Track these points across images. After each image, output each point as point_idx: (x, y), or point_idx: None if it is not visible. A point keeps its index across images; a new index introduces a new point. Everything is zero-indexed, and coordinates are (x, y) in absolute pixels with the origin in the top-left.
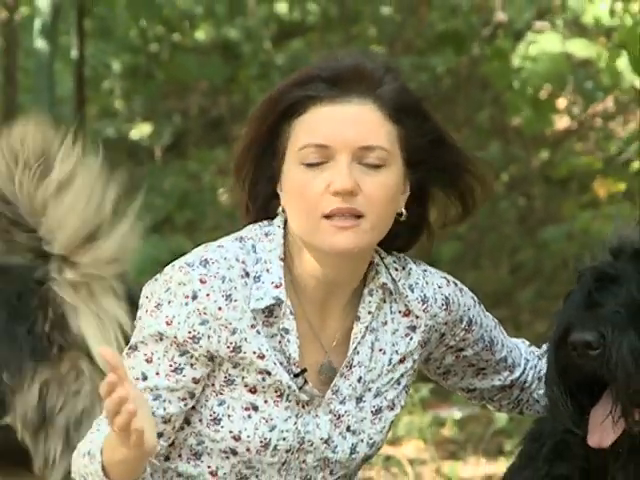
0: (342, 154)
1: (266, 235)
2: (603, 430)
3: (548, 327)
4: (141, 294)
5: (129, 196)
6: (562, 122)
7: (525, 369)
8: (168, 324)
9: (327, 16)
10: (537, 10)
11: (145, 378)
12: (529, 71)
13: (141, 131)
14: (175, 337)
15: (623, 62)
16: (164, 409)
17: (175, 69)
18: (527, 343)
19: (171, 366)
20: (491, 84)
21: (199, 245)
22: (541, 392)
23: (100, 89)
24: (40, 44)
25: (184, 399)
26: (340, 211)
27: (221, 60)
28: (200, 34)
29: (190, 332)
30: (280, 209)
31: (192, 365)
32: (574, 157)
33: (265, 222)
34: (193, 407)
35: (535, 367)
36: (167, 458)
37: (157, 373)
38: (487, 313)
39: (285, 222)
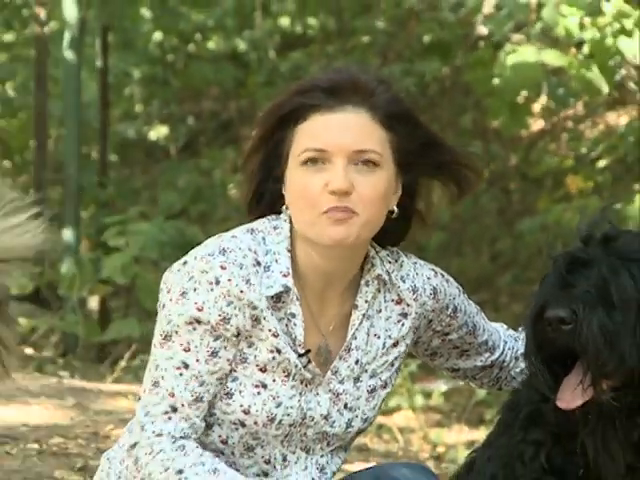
0: (338, 157)
1: (274, 229)
2: (573, 395)
3: (525, 306)
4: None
5: (148, 190)
6: (537, 124)
7: (504, 350)
8: (199, 310)
9: (325, 29)
10: (515, 24)
11: (187, 366)
12: (507, 78)
13: (158, 132)
14: (209, 321)
15: (592, 70)
16: (208, 392)
17: (189, 76)
18: (505, 327)
19: (208, 351)
20: (473, 90)
21: (210, 236)
22: (518, 370)
23: (122, 95)
24: (68, 55)
25: (221, 379)
26: (337, 209)
27: (231, 68)
28: (212, 45)
29: (220, 315)
30: (284, 207)
31: (225, 348)
32: (548, 156)
33: (273, 216)
34: None
35: (512, 348)
36: None
37: (197, 360)
38: (470, 301)
39: (290, 218)
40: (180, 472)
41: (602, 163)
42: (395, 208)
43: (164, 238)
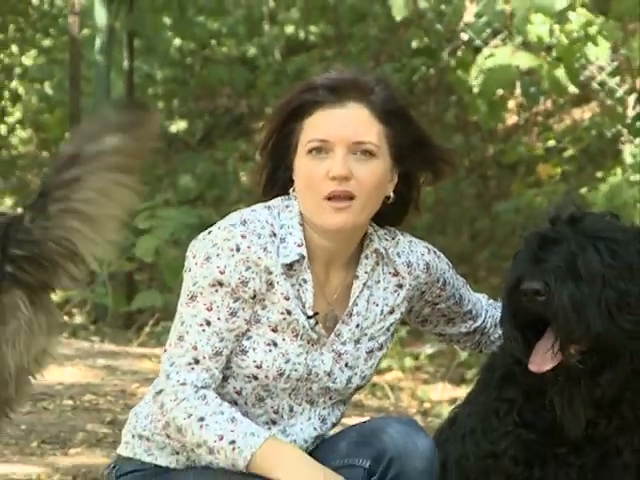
0: (339, 147)
1: (287, 207)
2: (543, 358)
3: (502, 279)
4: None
5: (169, 177)
6: (511, 119)
7: (485, 318)
8: (221, 273)
9: (325, 36)
10: (492, 31)
11: (209, 324)
12: (485, 78)
13: (178, 126)
14: (229, 284)
15: (560, 72)
16: (227, 347)
17: (205, 77)
18: (486, 297)
19: (228, 311)
20: (455, 89)
21: (225, 216)
22: (497, 335)
23: (146, 93)
24: (99, 58)
25: (238, 337)
26: (336, 193)
27: (242, 70)
28: (225, 49)
29: (239, 278)
30: (291, 190)
31: (243, 309)
32: (521, 147)
33: (286, 196)
34: None
35: (493, 316)
36: None
37: (218, 318)
38: (457, 275)
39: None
40: (201, 419)
41: (568, 153)
42: (392, 194)
43: (192, 222)
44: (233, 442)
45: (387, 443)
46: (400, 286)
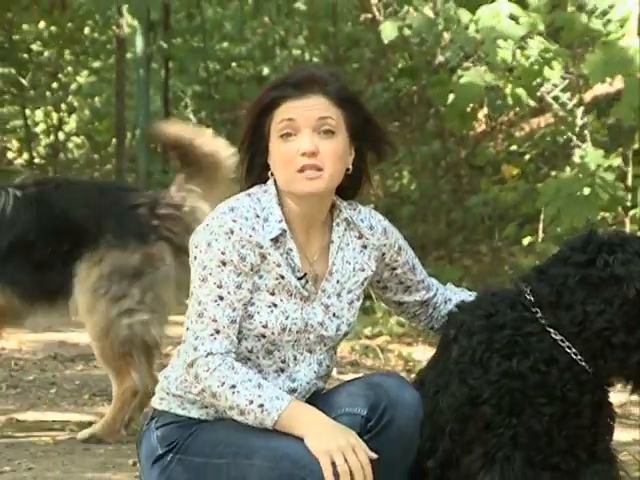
0: (305, 127)
1: (265, 192)
2: None
3: (473, 260)
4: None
5: None
6: (480, 127)
7: (436, 293)
8: (223, 254)
9: (326, 58)
10: (464, 54)
11: (222, 298)
12: (458, 94)
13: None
14: (231, 261)
15: (520, 88)
16: (238, 315)
17: (227, 93)
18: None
19: (234, 284)
20: (434, 103)
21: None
22: (446, 312)
23: (178, 106)
24: (140, 77)
25: (245, 305)
26: (307, 166)
27: (257, 87)
28: (243, 70)
29: (238, 255)
30: (270, 174)
31: (246, 281)
32: (488, 150)
33: (262, 184)
34: None
35: (443, 293)
36: None
37: (228, 292)
38: (409, 246)
39: (275, 182)
40: (233, 387)
41: (527, 156)
42: (350, 166)
43: None
44: (261, 405)
45: (381, 394)
46: (365, 247)
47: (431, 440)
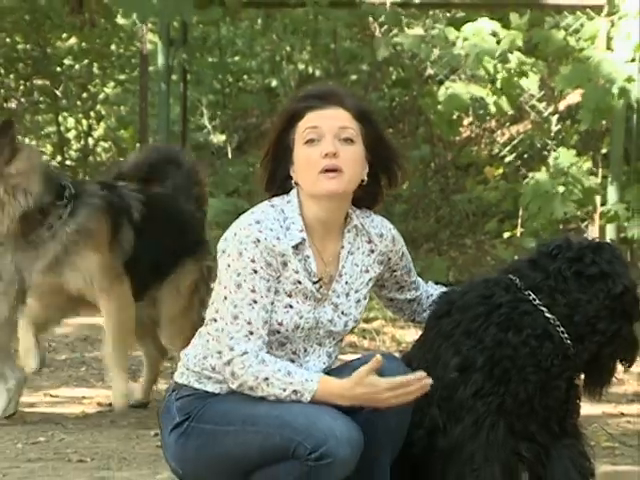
0: (328, 134)
1: (288, 202)
2: None
3: (459, 252)
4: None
5: (212, 177)
6: (465, 133)
7: (422, 291)
8: (253, 262)
9: (328, 71)
10: (451, 68)
11: (255, 302)
12: (446, 103)
13: (219, 139)
14: (261, 268)
15: (502, 98)
16: (269, 316)
17: (240, 102)
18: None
19: (265, 289)
20: (424, 111)
21: (253, 204)
22: (427, 306)
23: (195, 114)
24: (161, 88)
25: (272, 304)
26: (328, 167)
27: (266, 97)
28: (253, 82)
29: (265, 261)
30: (293, 183)
31: (272, 285)
32: (473, 153)
33: (284, 195)
34: None
35: (426, 290)
36: None
37: (261, 296)
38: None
39: (298, 193)
40: (266, 379)
41: (508, 159)
42: (365, 178)
43: (229, 208)
44: (295, 391)
45: (377, 371)
46: (372, 251)
47: (419, 412)
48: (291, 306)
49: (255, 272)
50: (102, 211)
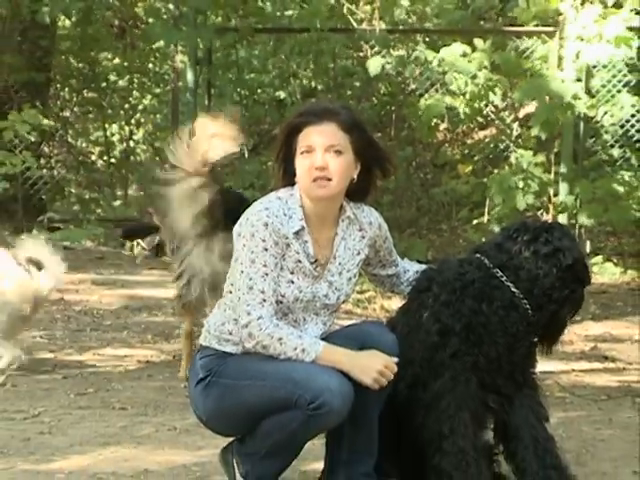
0: (319, 149)
1: (291, 195)
2: None
3: (436, 236)
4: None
5: (232, 175)
6: (442, 136)
7: (400, 268)
8: (263, 241)
9: (327, 85)
10: (430, 82)
11: (267, 275)
12: (425, 112)
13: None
14: (271, 246)
15: (472, 108)
16: (277, 287)
17: (254, 112)
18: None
19: (274, 264)
20: (408, 118)
21: (265, 194)
22: (405, 279)
23: None
24: (189, 99)
25: (278, 277)
26: (319, 177)
27: (276, 107)
28: (265, 95)
29: (274, 241)
30: (296, 179)
31: (279, 261)
32: (448, 154)
33: (289, 188)
34: None
35: (404, 266)
36: None
37: (272, 270)
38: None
39: (299, 188)
40: (280, 339)
41: (476, 158)
42: (355, 177)
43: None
44: (303, 350)
45: (368, 337)
46: (363, 237)
47: (402, 369)
48: (292, 282)
49: (266, 250)
50: None
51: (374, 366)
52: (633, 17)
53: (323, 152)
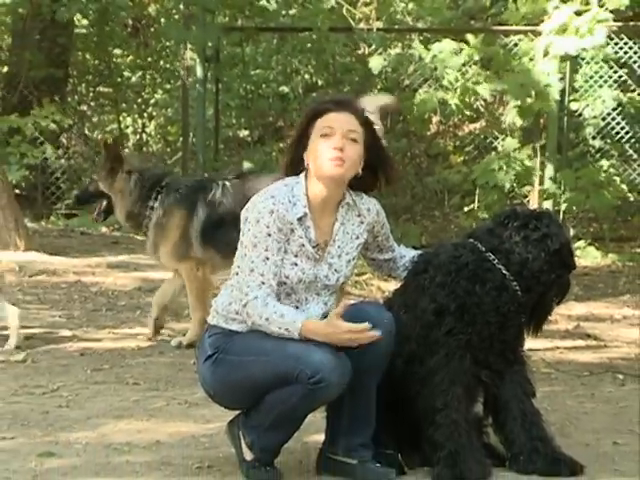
0: (338, 132)
1: (297, 183)
2: None
3: (430, 222)
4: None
5: (238, 164)
6: (435, 129)
7: (397, 253)
8: (267, 227)
9: (327, 81)
10: (424, 78)
11: (268, 259)
12: (419, 106)
13: (244, 133)
14: (274, 232)
15: (462, 101)
16: (278, 270)
17: (259, 105)
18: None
19: (276, 249)
20: (402, 112)
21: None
22: (401, 264)
23: (226, 114)
24: (199, 93)
25: (282, 260)
26: (335, 157)
27: (280, 101)
28: (270, 90)
29: (277, 228)
30: (305, 165)
31: (281, 246)
32: (440, 145)
33: (295, 177)
34: None
35: (400, 252)
36: None
37: (273, 254)
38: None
39: (305, 176)
40: (267, 319)
41: (467, 149)
42: (360, 172)
43: None
44: (287, 329)
45: (367, 316)
46: (361, 222)
47: (398, 346)
48: (296, 264)
49: (269, 235)
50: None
51: (343, 337)
52: (603, 12)
53: (341, 137)
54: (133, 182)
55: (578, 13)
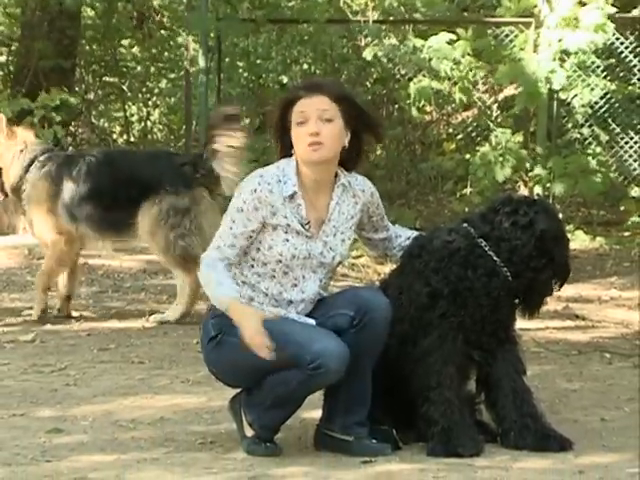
0: (312, 115)
1: (288, 163)
2: None
3: (424, 207)
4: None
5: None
6: (429, 117)
7: (392, 233)
8: (244, 202)
9: (325, 71)
10: (418, 67)
11: (231, 229)
12: (415, 94)
13: (245, 121)
14: (248, 209)
15: (456, 90)
16: (239, 243)
17: (260, 94)
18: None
19: (242, 224)
20: (398, 100)
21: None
22: (396, 244)
23: (227, 103)
24: (202, 83)
25: (249, 238)
26: (312, 142)
27: (280, 91)
28: (270, 79)
29: (254, 207)
30: (293, 151)
31: (252, 224)
32: (434, 132)
33: (287, 158)
34: (258, 248)
35: (395, 232)
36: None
37: (237, 227)
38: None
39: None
40: (208, 283)
41: (460, 136)
42: (346, 144)
43: (251, 172)
44: (219, 302)
45: (363, 301)
46: (356, 203)
47: (392, 327)
48: (287, 240)
49: (241, 211)
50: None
51: (247, 334)
52: (607, 6)
53: (315, 120)
54: (16, 155)
55: (582, 3)
